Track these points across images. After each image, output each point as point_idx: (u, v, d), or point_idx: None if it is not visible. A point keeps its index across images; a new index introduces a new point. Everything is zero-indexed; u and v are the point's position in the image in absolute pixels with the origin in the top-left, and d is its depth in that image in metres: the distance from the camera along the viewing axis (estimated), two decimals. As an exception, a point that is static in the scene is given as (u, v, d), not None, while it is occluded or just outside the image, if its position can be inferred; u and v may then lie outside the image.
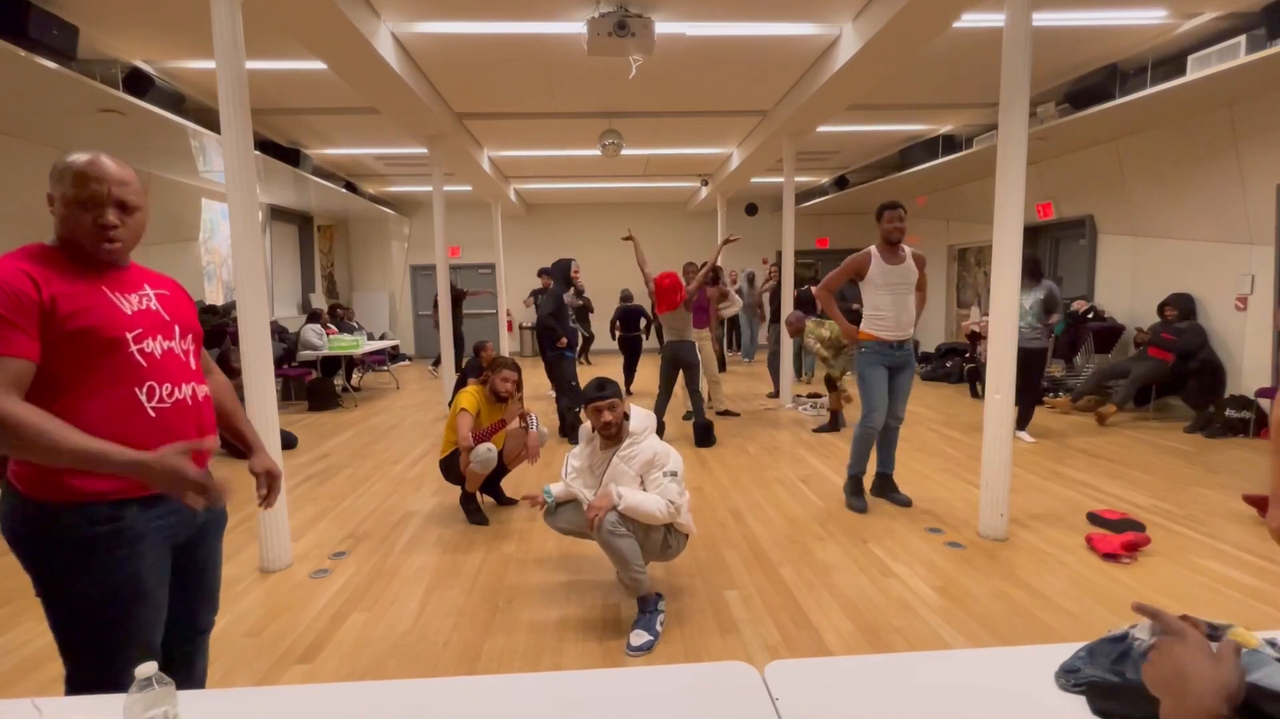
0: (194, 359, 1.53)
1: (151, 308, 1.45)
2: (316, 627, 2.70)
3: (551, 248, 9.71)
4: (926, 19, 3.96)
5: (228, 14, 3.00)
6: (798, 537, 3.57)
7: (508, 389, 3.89)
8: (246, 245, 3.13)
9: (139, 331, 1.39)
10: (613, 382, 2.69)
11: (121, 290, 1.41)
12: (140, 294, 1.44)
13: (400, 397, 8.61)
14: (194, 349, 1.54)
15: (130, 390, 1.36)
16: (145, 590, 1.40)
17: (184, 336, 1.51)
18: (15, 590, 3.06)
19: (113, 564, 1.34)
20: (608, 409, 2.63)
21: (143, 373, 1.38)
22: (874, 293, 3.77)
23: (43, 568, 1.35)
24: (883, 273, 3.73)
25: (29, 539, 1.34)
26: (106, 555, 1.34)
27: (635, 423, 2.68)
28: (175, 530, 1.46)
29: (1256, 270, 5.55)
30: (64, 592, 1.35)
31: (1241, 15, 4.49)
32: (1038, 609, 2.73)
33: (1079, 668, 1.14)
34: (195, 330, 1.56)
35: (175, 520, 1.45)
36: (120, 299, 1.40)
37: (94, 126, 5.20)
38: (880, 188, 9.68)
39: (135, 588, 1.38)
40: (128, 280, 1.44)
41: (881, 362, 3.79)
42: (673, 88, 6.07)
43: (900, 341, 3.80)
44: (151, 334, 1.42)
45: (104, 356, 1.34)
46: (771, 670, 1.20)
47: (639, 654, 2.44)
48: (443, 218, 7.14)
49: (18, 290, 1.26)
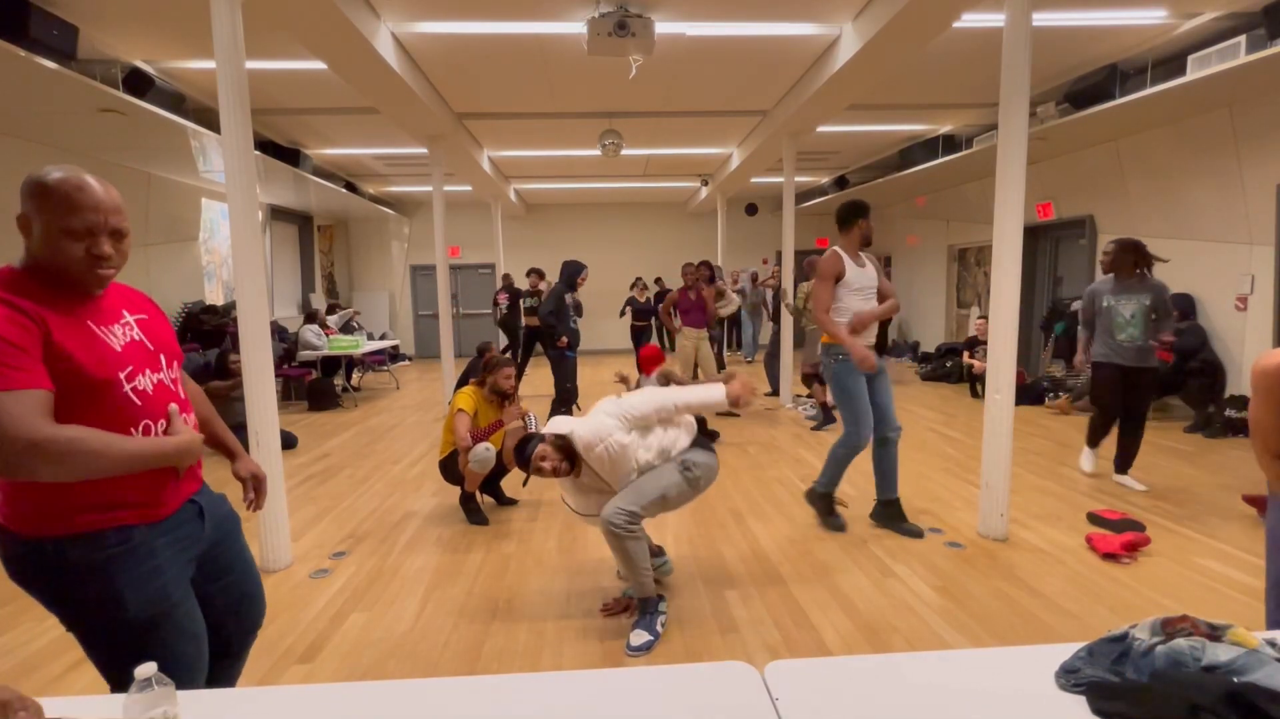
0: (181, 388, 1.48)
1: (135, 338, 1.37)
2: (316, 627, 2.70)
3: (551, 248, 9.74)
4: (926, 19, 3.96)
5: (228, 14, 3.00)
6: (798, 536, 3.57)
7: (509, 385, 3.90)
8: (246, 245, 3.13)
9: (130, 369, 1.32)
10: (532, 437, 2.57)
11: (105, 321, 1.32)
12: (122, 324, 1.36)
13: (400, 397, 8.61)
14: (179, 376, 1.49)
15: (126, 433, 1.29)
16: (175, 600, 1.37)
17: (170, 365, 1.44)
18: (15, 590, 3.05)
19: (135, 580, 1.31)
20: (540, 462, 2.50)
21: (137, 412, 1.32)
22: (849, 297, 3.51)
23: (66, 600, 1.32)
24: (856, 276, 3.52)
25: (43, 578, 1.30)
26: (126, 574, 1.30)
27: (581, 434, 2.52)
28: (186, 544, 1.43)
29: (1256, 270, 5.55)
30: (96, 618, 1.32)
31: (1241, 15, 4.49)
32: (1038, 609, 2.73)
33: (1079, 668, 1.14)
34: (178, 355, 1.51)
35: (184, 534, 1.43)
36: (107, 333, 1.31)
37: (94, 126, 5.20)
38: (880, 188, 9.68)
39: (164, 598, 1.35)
40: (107, 308, 1.35)
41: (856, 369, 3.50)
42: (673, 88, 6.07)
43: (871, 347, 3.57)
44: (141, 369, 1.34)
45: (97, 398, 1.26)
46: (771, 670, 1.20)
47: (639, 654, 2.44)
48: (443, 218, 7.14)
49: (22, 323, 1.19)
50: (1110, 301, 4.12)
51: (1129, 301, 4.06)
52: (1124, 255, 4.10)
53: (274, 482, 3.23)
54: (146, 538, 1.34)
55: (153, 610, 1.33)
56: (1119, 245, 4.14)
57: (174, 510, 1.41)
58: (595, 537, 3.61)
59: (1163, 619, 1.15)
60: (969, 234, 9.79)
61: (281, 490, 3.29)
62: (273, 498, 3.22)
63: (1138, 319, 4.05)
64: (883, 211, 12.33)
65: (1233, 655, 1.05)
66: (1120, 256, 4.11)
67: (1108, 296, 4.13)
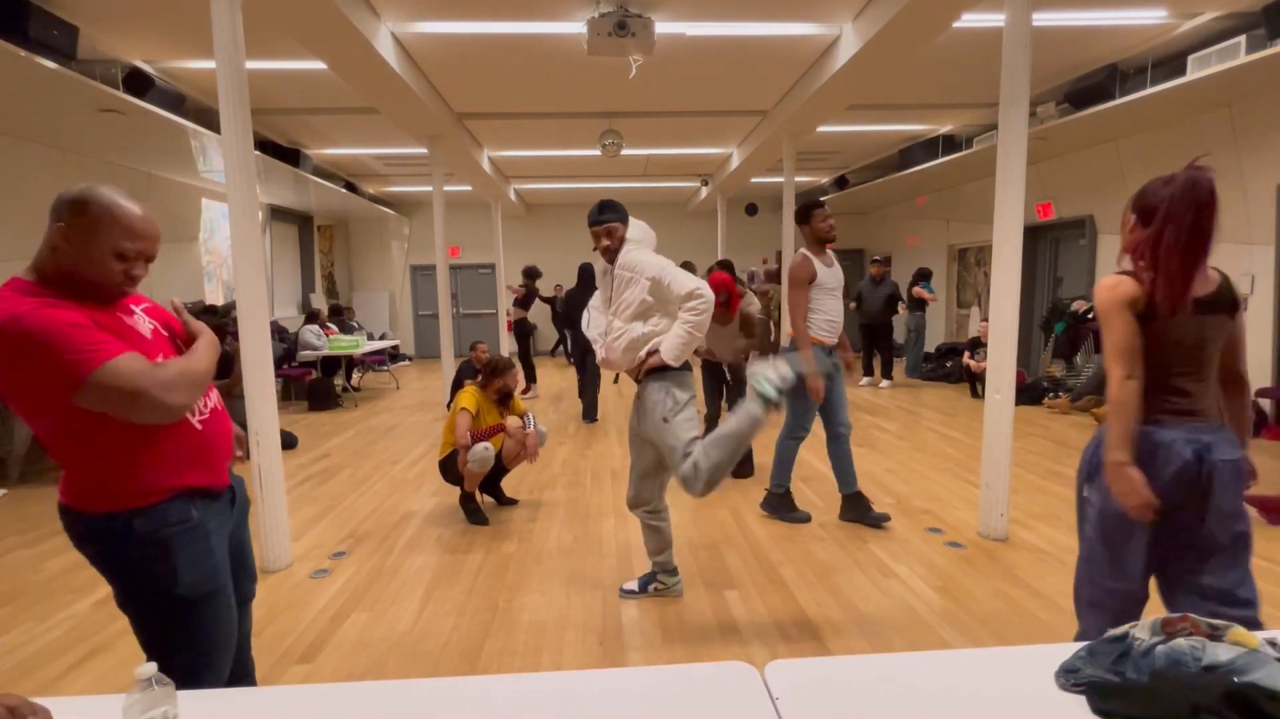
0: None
1: (149, 327, 1.45)
2: (316, 627, 2.70)
3: (551, 248, 9.73)
4: (926, 19, 3.96)
5: (228, 14, 3.00)
6: (798, 537, 3.57)
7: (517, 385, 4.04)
8: (246, 245, 3.13)
9: (161, 357, 1.40)
10: (614, 205, 2.69)
11: (126, 315, 1.41)
12: (136, 318, 1.44)
13: (400, 397, 8.61)
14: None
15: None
16: (221, 582, 1.47)
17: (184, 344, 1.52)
18: (15, 590, 3.06)
19: (192, 559, 1.40)
20: (604, 234, 2.65)
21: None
22: (821, 297, 3.53)
23: (126, 572, 1.39)
24: (826, 275, 3.53)
25: (109, 550, 1.37)
26: (185, 551, 1.39)
27: (632, 231, 2.71)
28: (226, 523, 1.53)
29: (1256, 270, 5.55)
30: (150, 591, 1.39)
31: (1241, 15, 4.49)
32: (1038, 609, 2.73)
33: (1079, 668, 1.14)
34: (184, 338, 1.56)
35: (226, 516, 1.53)
36: (134, 323, 1.41)
37: (94, 126, 5.20)
38: (880, 188, 9.68)
39: (215, 578, 1.45)
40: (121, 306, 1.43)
41: (822, 369, 3.52)
42: (673, 88, 6.07)
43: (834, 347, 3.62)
44: (166, 354, 1.43)
45: None
46: (771, 670, 1.20)
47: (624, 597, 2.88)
48: (443, 218, 7.14)
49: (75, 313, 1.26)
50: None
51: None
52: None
53: (274, 482, 3.23)
54: (204, 518, 1.43)
55: (202, 590, 1.42)
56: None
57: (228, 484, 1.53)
58: (597, 537, 3.61)
59: (1163, 619, 1.15)
60: (969, 234, 9.79)
61: (281, 490, 3.29)
62: (273, 498, 3.22)
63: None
64: (883, 211, 12.32)
65: (1233, 655, 1.04)
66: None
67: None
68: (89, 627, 2.70)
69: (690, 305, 2.48)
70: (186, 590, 1.39)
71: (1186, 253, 1.65)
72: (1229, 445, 1.67)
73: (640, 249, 2.65)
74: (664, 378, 2.56)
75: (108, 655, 2.50)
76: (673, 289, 2.50)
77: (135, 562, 1.37)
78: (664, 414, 2.52)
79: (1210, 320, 1.69)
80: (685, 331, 2.49)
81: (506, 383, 3.94)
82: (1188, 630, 1.11)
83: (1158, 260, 1.66)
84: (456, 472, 3.82)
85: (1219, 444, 1.65)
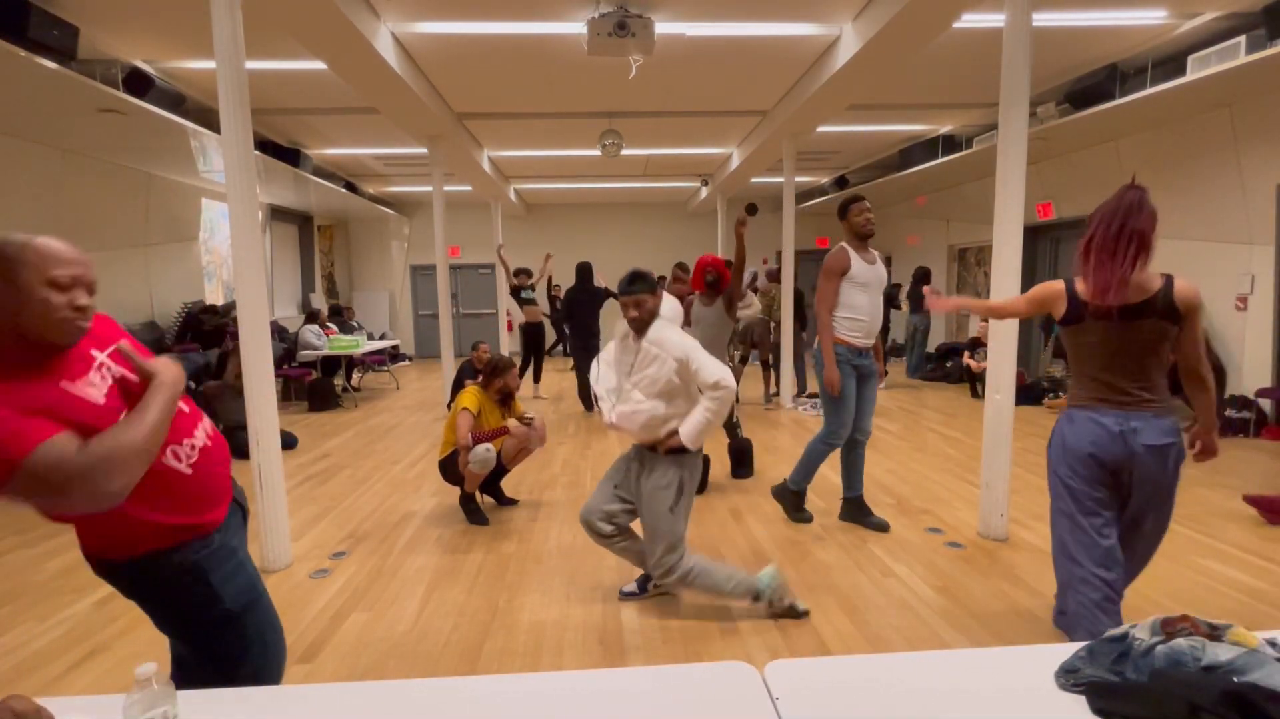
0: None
1: (115, 376, 1.31)
2: (316, 627, 2.70)
3: (551, 248, 9.72)
4: (926, 19, 3.96)
5: (228, 14, 3.00)
6: (798, 537, 3.57)
7: (517, 385, 4.06)
8: (246, 245, 3.13)
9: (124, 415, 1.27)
10: (644, 277, 2.65)
11: (77, 374, 1.25)
12: (97, 368, 1.29)
13: (400, 397, 8.60)
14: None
15: (161, 465, 1.32)
16: (260, 589, 1.52)
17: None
18: (15, 590, 3.06)
19: (226, 575, 1.43)
20: (633, 306, 2.62)
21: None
22: (853, 293, 3.44)
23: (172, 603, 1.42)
24: (862, 270, 3.43)
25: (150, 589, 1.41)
26: (217, 571, 1.42)
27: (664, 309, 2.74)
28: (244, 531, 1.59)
29: (1256, 270, 5.55)
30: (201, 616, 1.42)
31: (1241, 15, 4.49)
32: (1038, 609, 2.73)
33: (1079, 668, 1.14)
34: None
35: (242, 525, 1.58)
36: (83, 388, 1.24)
37: (94, 127, 5.20)
38: (880, 188, 9.68)
39: (252, 587, 1.50)
40: (76, 358, 1.27)
41: (851, 370, 3.47)
42: (673, 88, 6.07)
43: (868, 349, 3.55)
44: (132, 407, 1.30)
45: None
46: (771, 670, 1.20)
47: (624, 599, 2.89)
48: (443, 218, 7.14)
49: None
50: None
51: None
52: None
53: (274, 482, 3.23)
54: (223, 539, 1.45)
55: (245, 599, 1.46)
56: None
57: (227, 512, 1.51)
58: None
59: (1162, 619, 1.15)
60: (969, 234, 9.79)
61: (281, 490, 3.29)
62: (273, 498, 3.22)
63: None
64: (883, 211, 12.26)
65: (1233, 655, 1.05)
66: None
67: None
68: (89, 627, 2.70)
69: (715, 395, 2.52)
70: (232, 604, 1.43)
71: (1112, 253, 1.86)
72: (1157, 432, 1.96)
73: (670, 327, 2.67)
74: (680, 459, 2.63)
75: (108, 655, 2.50)
76: (700, 375, 2.53)
77: (174, 590, 1.39)
78: (669, 505, 2.61)
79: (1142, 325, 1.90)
80: (705, 419, 2.54)
81: (507, 382, 3.94)
82: (1187, 630, 1.11)
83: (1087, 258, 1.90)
84: (457, 472, 3.82)
85: (1146, 429, 1.94)
